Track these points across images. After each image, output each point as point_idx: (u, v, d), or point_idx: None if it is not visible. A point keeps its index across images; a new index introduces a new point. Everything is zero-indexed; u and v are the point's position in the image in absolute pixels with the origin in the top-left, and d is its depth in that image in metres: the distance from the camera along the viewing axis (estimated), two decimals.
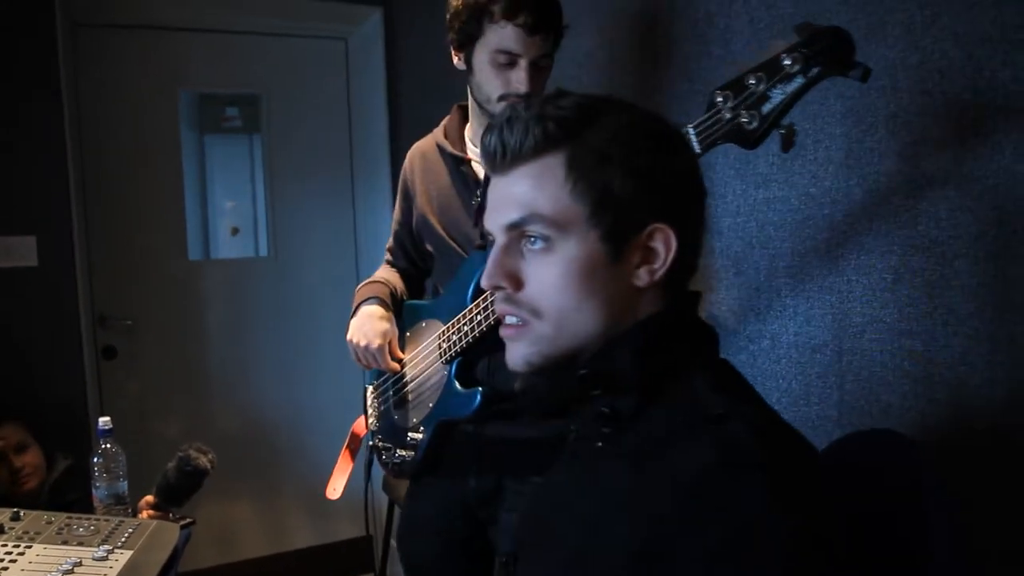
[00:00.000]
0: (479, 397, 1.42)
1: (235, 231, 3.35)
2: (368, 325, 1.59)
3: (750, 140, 1.01)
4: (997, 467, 1.11)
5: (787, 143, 1.01)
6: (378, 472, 1.75)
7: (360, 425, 1.83)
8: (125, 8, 2.89)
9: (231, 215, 3.33)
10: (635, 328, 0.80)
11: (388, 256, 1.84)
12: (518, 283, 0.81)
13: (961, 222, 1.14)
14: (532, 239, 0.80)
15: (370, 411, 1.75)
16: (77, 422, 2.65)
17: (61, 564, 1.25)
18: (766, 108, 0.99)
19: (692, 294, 0.87)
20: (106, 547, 1.31)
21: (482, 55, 1.46)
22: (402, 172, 1.73)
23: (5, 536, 1.34)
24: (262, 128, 3.27)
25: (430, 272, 1.82)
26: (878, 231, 1.26)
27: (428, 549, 1.67)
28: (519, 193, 0.80)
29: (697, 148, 1.06)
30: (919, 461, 0.84)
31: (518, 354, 0.83)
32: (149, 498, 1.64)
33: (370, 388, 1.76)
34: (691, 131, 1.07)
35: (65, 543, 1.34)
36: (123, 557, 1.30)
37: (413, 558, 1.73)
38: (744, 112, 1.00)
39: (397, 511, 2.58)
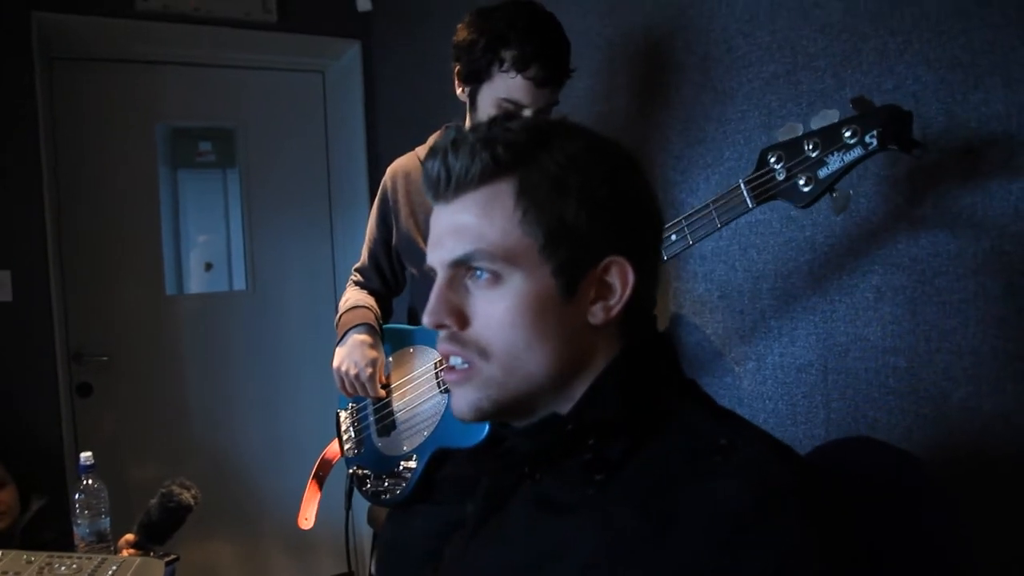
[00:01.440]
0: (488, 427, 1.38)
1: (209, 267, 3.33)
2: (357, 353, 1.57)
3: (804, 200, 1.08)
4: (984, 478, 1.13)
5: (840, 207, 1.08)
6: (360, 505, 1.73)
7: (332, 451, 1.80)
8: (101, 42, 2.89)
9: (204, 251, 3.31)
10: (613, 370, 0.75)
11: (358, 276, 1.79)
12: (463, 320, 0.75)
13: (940, 240, 1.17)
14: (478, 272, 0.74)
15: (345, 437, 1.72)
16: (52, 461, 2.59)
17: None
18: (823, 173, 1.06)
19: (651, 323, 0.82)
20: None
21: (487, 97, 1.48)
22: (381, 190, 1.70)
23: None
24: (238, 161, 3.26)
25: (400, 292, 1.81)
26: (859, 251, 1.29)
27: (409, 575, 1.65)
28: (465, 224, 0.74)
29: (750, 203, 1.12)
30: (907, 467, 0.84)
31: (465, 401, 0.76)
32: (130, 536, 1.60)
33: (343, 413, 1.73)
34: (743, 185, 1.13)
35: None
36: None
37: None
38: (800, 175, 1.07)
39: None
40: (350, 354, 1.58)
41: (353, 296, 1.74)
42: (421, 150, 1.66)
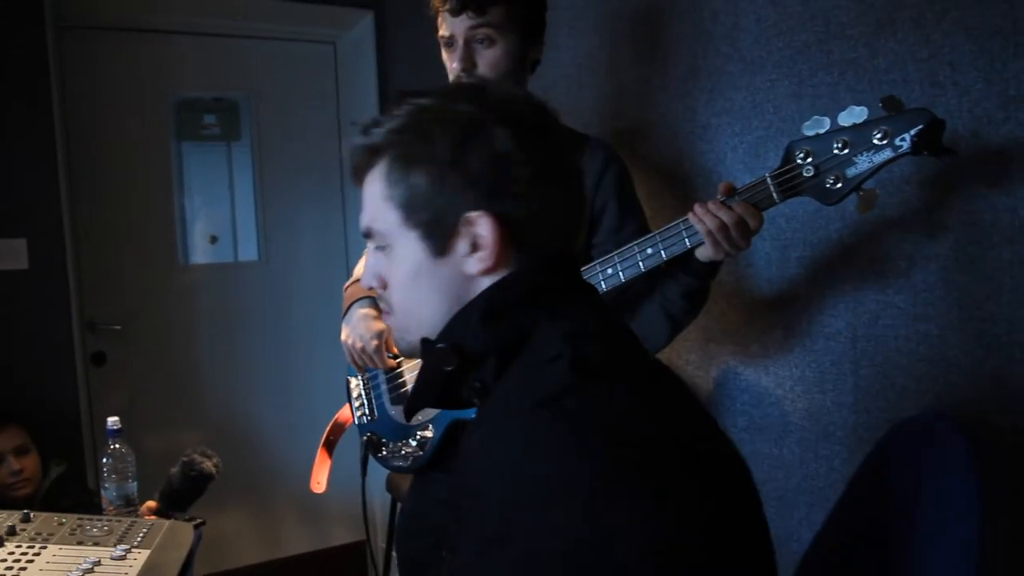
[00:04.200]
0: None
1: (214, 240, 3.33)
2: (362, 326, 1.57)
3: (831, 199, 1.09)
4: (1017, 445, 1.15)
5: (866, 205, 1.08)
6: (377, 472, 1.74)
7: (344, 416, 1.81)
8: (112, 11, 2.86)
9: (208, 224, 3.31)
10: (478, 296, 0.80)
11: None
12: (383, 283, 0.86)
13: (976, 208, 1.18)
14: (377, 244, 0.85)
15: (356, 404, 1.72)
16: (69, 429, 2.60)
17: (80, 564, 1.24)
18: (851, 172, 1.07)
19: (551, 257, 0.82)
20: (123, 546, 1.30)
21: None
22: None
23: (18, 538, 1.32)
24: (246, 133, 3.25)
25: None
26: (891, 220, 1.30)
27: (425, 546, 1.66)
28: (363, 202, 0.85)
29: (776, 198, 1.13)
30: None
31: (394, 340, 0.90)
32: (151, 503, 1.63)
33: (353, 380, 1.73)
34: (769, 180, 1.13)
35: (80, 543, 1.32)
36: (141, 556, 1.29)
37: (411, 556, 1.71)
38: (828, 173, 1.08)
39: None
40: (355, 328, 1.59)
41: (362, 266, 1.75)
42: None
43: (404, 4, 3.00)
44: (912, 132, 1.02)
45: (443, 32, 1.51)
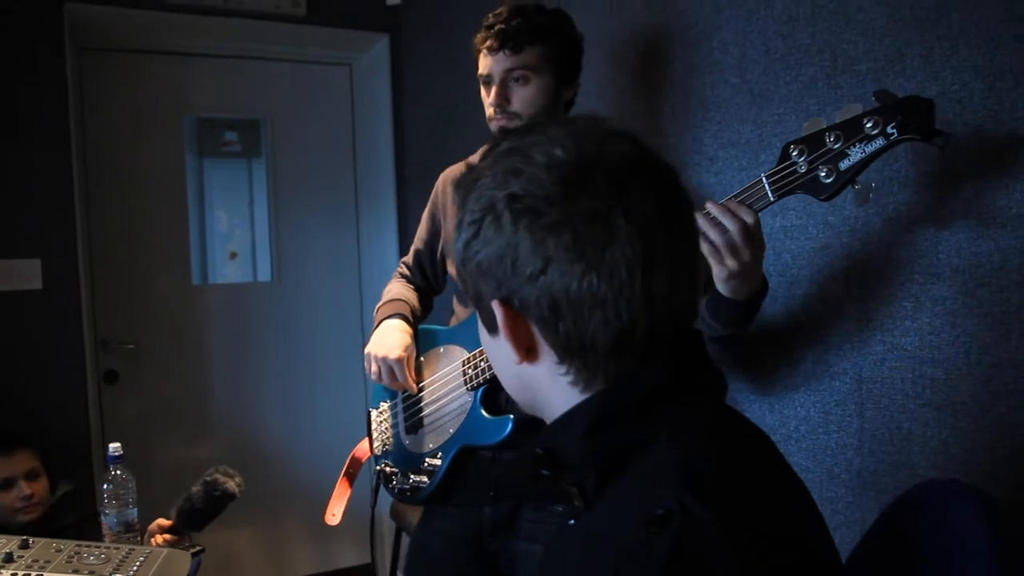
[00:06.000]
0: (510, 424, 1.41)
1: (233, 255, 3.35)
2: (390, 337, 1.59)
3: (825, 192, 1.07)
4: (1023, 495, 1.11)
5: (862, 198, 1.07)
6: (385, 498, 1.74)
7: (362, 449, 1.81)
8: (131, 34, 2.90)
9: (229, 239, 3.33)
10: (584, 405, 0.71)
11: (404, 270, 1.84)
12: None
13: (983, 251, 1.15)
14: None
15: (375, 435, 1.73)
16: (78, 447, 2.61)
17: None
18: (844, 164, 1.05)
19: (651, 365, 0.70)
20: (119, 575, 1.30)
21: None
22: (432, 195, 1.76)
23: (15, 565, 1.32)
24: (264, 152, 3.28)
25: (441, 292, 1.84)
26: (898, 260, 1.27)
27: None
28: None
29: (771, 197, 1.11)
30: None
31: None
32: (163, 521, 1.60)
33: (374, 412, 1.74)
34: (764, 179, 1.12)
35: (76, 572, 1.32)
36: None
37: None
38: (821, 166, 1.07)
39: (405, 539, 2.55)
40: (381, 339, 1.60)
41: (395, 288, 1.77)
42: (473, 158, 1.67)
43: (418, 28, 3.02)
44: (901, 117, 1.01)
45: (482, 71, 1.57)
